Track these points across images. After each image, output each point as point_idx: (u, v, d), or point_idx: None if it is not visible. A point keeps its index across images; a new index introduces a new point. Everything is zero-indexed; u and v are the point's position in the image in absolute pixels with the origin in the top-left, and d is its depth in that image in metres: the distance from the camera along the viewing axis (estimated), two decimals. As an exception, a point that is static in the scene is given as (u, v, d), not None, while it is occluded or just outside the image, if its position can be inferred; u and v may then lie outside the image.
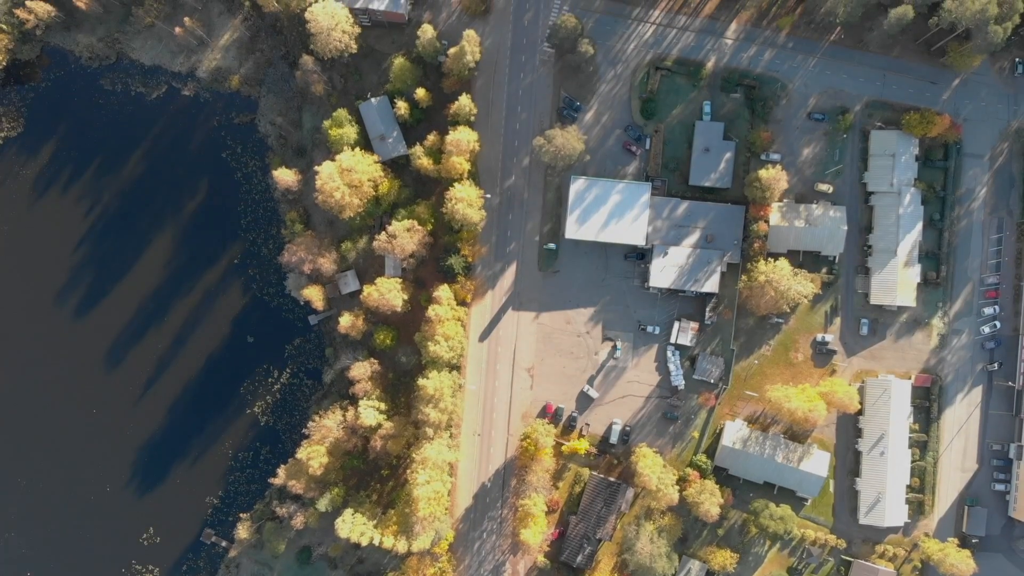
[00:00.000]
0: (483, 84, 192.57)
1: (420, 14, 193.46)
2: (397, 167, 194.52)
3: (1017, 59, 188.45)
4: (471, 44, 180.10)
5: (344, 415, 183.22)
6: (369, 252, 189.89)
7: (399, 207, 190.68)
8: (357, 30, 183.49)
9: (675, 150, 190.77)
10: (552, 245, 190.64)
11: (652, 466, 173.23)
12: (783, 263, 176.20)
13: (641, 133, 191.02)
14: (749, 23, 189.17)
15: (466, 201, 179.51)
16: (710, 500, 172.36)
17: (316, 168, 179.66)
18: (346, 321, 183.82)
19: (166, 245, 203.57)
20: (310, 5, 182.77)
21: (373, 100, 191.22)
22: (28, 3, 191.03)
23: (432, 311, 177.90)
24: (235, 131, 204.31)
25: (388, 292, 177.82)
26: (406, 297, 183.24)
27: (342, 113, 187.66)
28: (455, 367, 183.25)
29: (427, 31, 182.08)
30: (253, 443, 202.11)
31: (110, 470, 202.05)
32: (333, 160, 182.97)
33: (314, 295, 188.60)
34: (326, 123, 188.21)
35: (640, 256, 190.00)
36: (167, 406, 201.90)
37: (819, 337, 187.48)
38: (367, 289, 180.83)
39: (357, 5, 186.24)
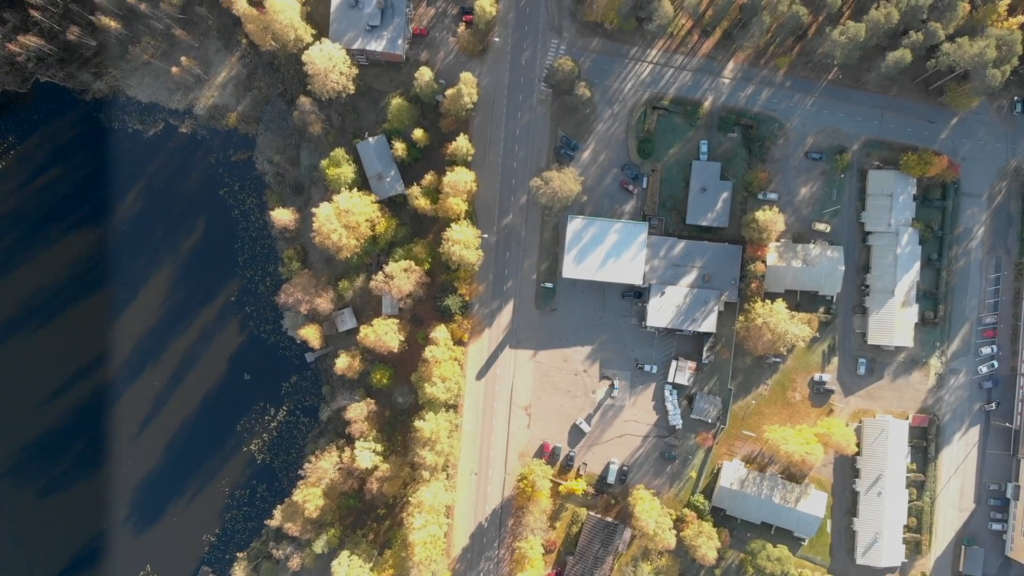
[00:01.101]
0: (480, 123, 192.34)
1: (417, 53, 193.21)
2: (394, 205, 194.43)
3: (1016, 97, 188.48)
4: (468, 86, 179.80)
5: (340, 456, 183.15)
6: (366, 290, 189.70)
7: (396, 246, 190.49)
8: (354, 71, 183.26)
9: (672, 189, 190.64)
10: (549, 284, 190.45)
11: (649, 510, 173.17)
12: (780, 306, 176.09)
13: (638, 172, 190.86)
14: (746, 62, 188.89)
15: (463, 243, 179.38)
16: (707, 544, 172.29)
17: (313, 210, 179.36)
18: (343, 363, 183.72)
19: (163, 282, 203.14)
20: (307, 46, 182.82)
21: (371, 139, 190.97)
22: (20, 38, 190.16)
23: (429, 353, 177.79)
24: (232, 168, 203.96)
25: (384, 334, 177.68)
26: (402, 338, 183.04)
27: (339, 153, 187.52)
28: (452, 407, 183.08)
29: (425, 74, 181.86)
30: (250, 481, 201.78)
31: (107, 507, 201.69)
32: (331, 200, 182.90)
33: (311, 334, 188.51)
34: (324, 162, 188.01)
35: (637, 295, 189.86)
36: (164, 443, 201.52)
37: (817, 377, 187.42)
38: (364, 330, 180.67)
39: (355, 46, 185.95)
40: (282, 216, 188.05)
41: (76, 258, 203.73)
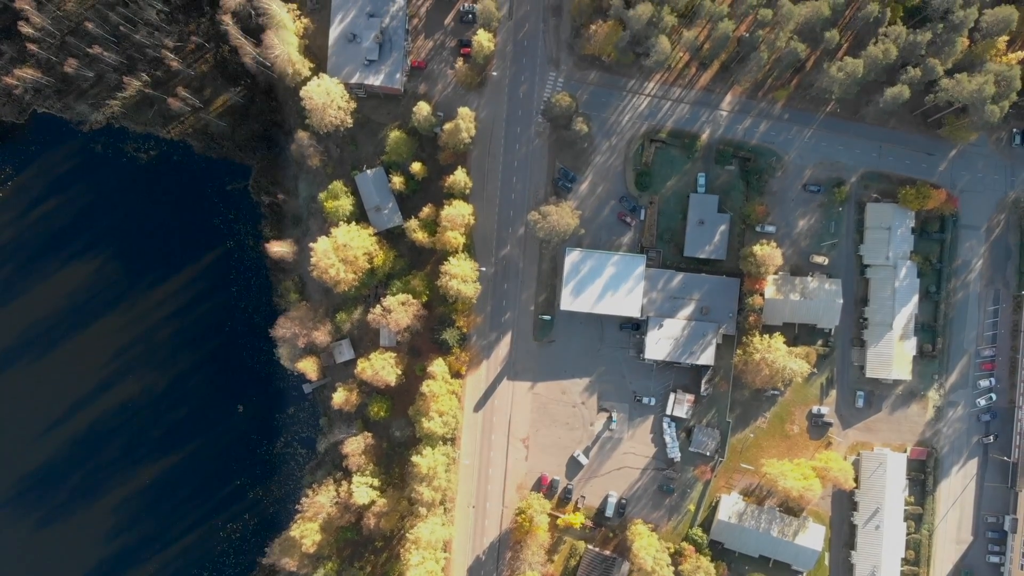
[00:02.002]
0: (478, 155, 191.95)
1: (416, 85, 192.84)
2: (393, 236, 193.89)
3: (1015, 130, 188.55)
4: (466, 121, 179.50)
5: (337, 490, 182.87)
6: (364, 322, 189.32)
7: (394, 278, 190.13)
8: (352, 105, 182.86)
9: (670, 221, 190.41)
10: (547, 316, 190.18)
11: (647, 546, 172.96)
12: (777, 341, 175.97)
13: (636, 204, 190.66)
14: (744, 95, 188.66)
15: (460, 277, 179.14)
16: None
17: (311, 245, 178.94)
18: (339, 397, 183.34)
19: (157, 312, 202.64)
20: (305, 79, 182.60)
21: (369, 172, 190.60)
22: (16, 70, 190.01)
23: (426, 387, 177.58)
24: (229, 198, 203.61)
25: (382, 368, 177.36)
26: (400, 371, 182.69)
27: (338, 185, 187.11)
28: (449, 440, 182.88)
29: (422, 108, 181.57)
30: (242, 514, 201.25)
31: (98, 544, 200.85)
32: (328, 234, 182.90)
33: (308, 367, 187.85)
34: (322, 195, 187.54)
35: (635, 327, 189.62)
36: (157, 475, 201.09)
37: (815, 409, 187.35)
38: (361, 364, 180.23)
39: (353, 80, 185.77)
40: (278, 248, 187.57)
41: (71, 289, 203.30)
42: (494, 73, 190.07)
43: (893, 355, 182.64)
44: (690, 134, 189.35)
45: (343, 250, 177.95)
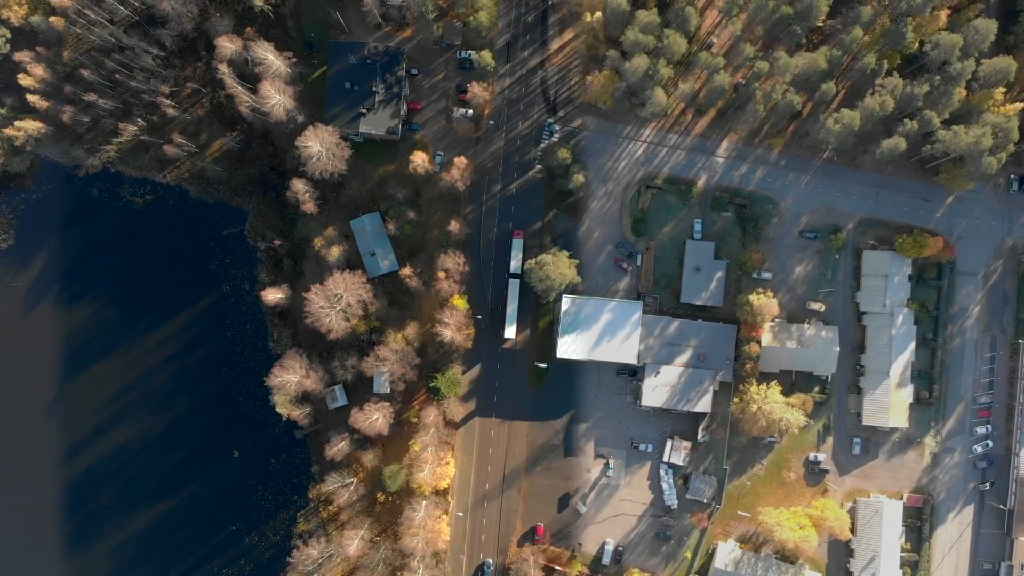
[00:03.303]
0: (475, 201, 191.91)
1: (413, 130, 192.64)
2: (388, 279, 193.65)
3: (1012, 176, 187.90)
4: (463, 170, 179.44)
5: (328, 541, 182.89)
6: (358, 368, 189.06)
7: (388, 323, 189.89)
8: (348, 152, 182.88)
9: (666, 267, 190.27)
10: (543, 364, 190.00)
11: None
12: (774, 392, 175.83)
13: (632, 250, 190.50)
14: (740, 141, 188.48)
15: (455, 325, 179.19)
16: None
17: (305, 295, 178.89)
18: (332, 447, 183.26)
19: (152, 357, 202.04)
20: (302, 125, 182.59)
21: (364, 217, 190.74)
22: (17, 122, 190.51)
23: (418, 443, 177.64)
24: (224, 242, 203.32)
25: (376, 421, 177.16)
26: (393, 420, 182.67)
27: (332, 231, 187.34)
28: (442, 492, 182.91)
29: (419, 157, 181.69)
30: (238, 559, 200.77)
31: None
32: (323, 280, 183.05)
33: (299, 415, 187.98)
34: (316, 241, 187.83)
35: (632, 373, 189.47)
36: (152, 520, 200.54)
37: (812, 456, 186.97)
38: (354, 414, 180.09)
39: (349, 128, 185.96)
40: (272, 296, 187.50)
41: (67, 334, 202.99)
42: (491, 122, 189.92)
43: (890, 402, 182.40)
44: (686, 180, 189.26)
45: (337, 299, 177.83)
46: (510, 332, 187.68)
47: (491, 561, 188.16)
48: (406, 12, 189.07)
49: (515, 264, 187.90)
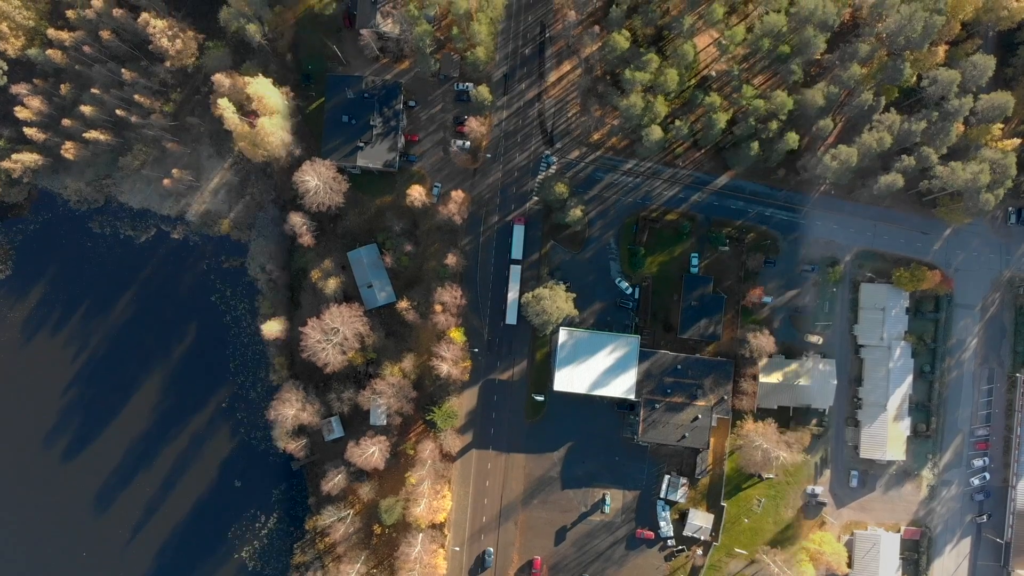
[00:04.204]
0: (472, 232, 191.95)
1: (410, 161, 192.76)
2: (385, 311, 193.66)
3: (1010, 208, 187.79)
4: (460, 204, 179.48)
5: (325, 574, 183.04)
6: (354, 400, 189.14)
7: (385, 356, 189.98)
8: (345, 186, 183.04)
9: (664, 301, 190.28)
10: (540, 397, 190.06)
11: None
12: (770, 429, 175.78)
13: (630, 283, 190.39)
14: (738, 175, 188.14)
15: (451, 360, 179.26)
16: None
17: (302, 329, 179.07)
18: (328, 482, 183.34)
19: (154, 389, 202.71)
20: (300, 160, 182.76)
21: (361, 249, 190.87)
22: (14, 155, 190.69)
23: (414, 477, 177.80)
24: (224, 274, 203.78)
25: (371, 456, 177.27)
26: (389, 454, 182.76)
27: (329, 263, 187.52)
28: (439, 525, 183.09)
29: (416, 191, 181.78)
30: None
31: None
32: (321, 311, 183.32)
33: (296, 447, 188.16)
34: (314, 274, 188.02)
35: (630, 407, 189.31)
36: (155, 550, 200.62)
37: (809, 489, 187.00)
38: (350, 449, 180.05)
39: (347, 162, 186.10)
40: (272, 330, 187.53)
41: (66, 365, 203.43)
42: (488, 155, 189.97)
43: (887, 435, 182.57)
44: (683, 214, 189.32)
45: (334, 333, 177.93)
46: (511, 318, 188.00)
47: None
48: (404, 45, 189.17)
49: (516, 251, 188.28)
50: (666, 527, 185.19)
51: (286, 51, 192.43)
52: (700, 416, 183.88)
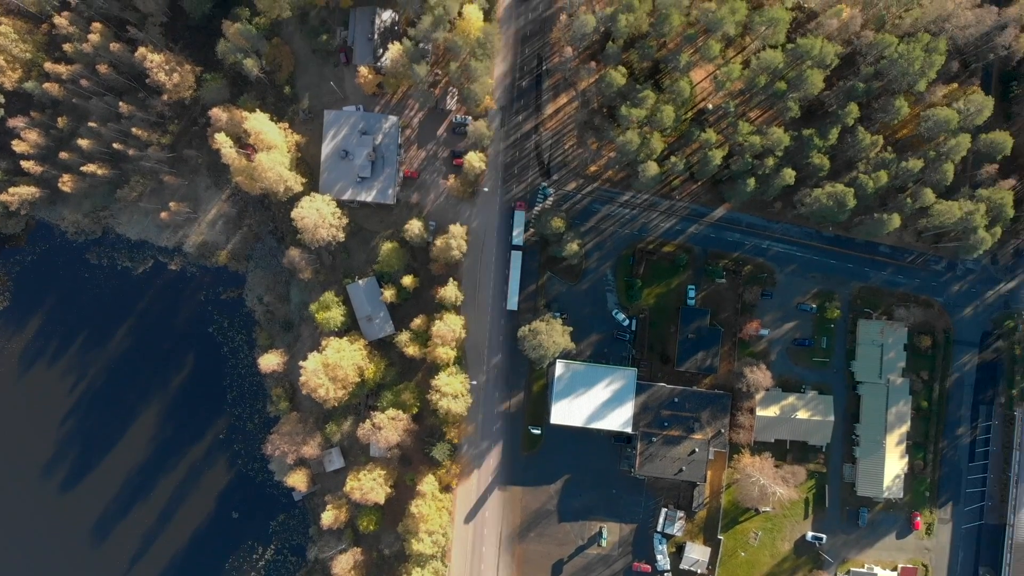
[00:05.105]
0: (471, 263, 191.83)
1: (408, 195, 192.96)
2: (384, 343, 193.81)
3: (1009, 245, 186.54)
4: (457, 238, 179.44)
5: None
6: (354, 433, 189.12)
7: (385, 388, 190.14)
8: (344, 221, 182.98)
9: (661, 333, 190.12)
10: (537, 430, 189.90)
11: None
12: (767, 464, 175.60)
13: (627, 315, 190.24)
14: (734, 207, 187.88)
15: (451, 394, 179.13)
16: None
17: (301, 363, 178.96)
18: (328, 517, 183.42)
19: (152, 420, 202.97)
20: (298, 195, 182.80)
21: (360, 282, 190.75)
22: (11, 188, 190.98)
23: (415, 508, 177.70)
24: (222, 306, 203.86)
25: (371, 491, 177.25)
26: (389, 488, 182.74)
27: (329, 296, 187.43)
28: (439, 556, 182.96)
29: (414, 225, 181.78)
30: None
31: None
32: (320, 343, 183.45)
33: (298, 481, 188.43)
34: (312, 306, 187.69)
35: (627, 440, 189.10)
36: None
37: (809, 535, 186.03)
38: (350, 483, 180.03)
39: (345, 197, 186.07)
40: (269, 362, 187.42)
41: (66, 395, 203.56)
42: (485, 189, 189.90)
43: (884, 473, 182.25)
44: (680, 245, 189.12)
45: (332, 369, 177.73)
46: (512, 304, 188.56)
47: None
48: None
49: (516, 235, 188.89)
50: (663, 560, 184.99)
51: (284, 83, 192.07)
52: (697, 450, 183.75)
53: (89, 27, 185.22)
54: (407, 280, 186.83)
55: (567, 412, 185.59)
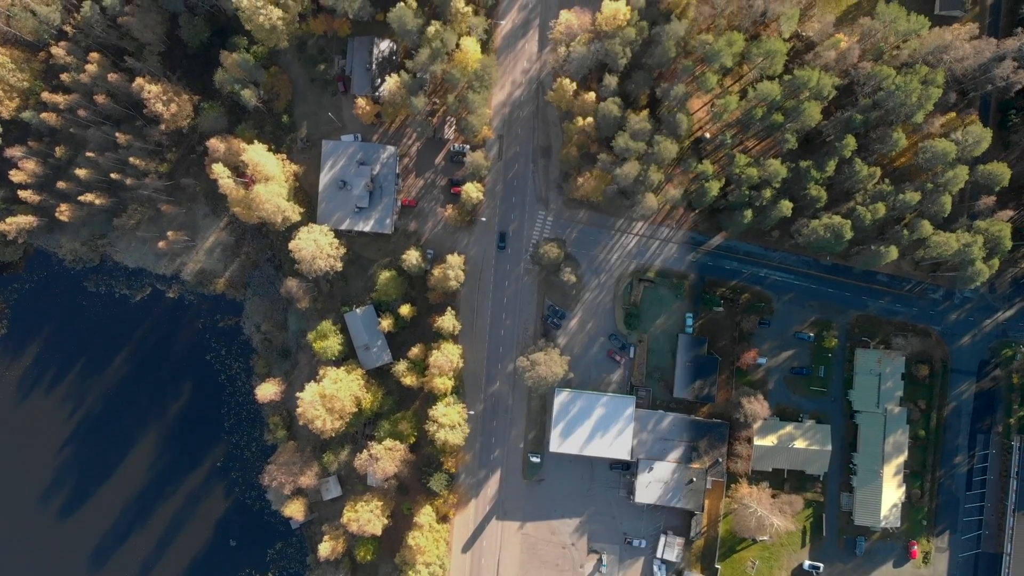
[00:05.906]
0: (468, 291, 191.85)
1: (406, 223, 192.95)
2: (381, 371, 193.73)
3: (1007, 275, 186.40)
4: (455, 268, 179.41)
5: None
6: (351, 463, 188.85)
7: (382, 417, 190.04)
8: (342, 251, 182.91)
9: (659, 360, 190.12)
10: (536, 459, 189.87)
11: None
12: (765, 496, 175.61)
13: (625, 342, 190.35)
14: (731, 236, 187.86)
15: (448, 425, 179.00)
16: None
17: (298, 395, 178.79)
18: (325, 548, 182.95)
19: (150, 447, 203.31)
20: (296, 224, 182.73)
21: (358, 310, 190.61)
22: (9, 218, 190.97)
23: (412, 539, 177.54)
24: (220, 333, 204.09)
25: (368, 523, 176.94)
26: (386, 520, 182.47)
27: (326, 325, 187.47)
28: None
29: (412, 255, 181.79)
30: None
31: None
32: (317, 373, 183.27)
33: (295, 510, 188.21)
34: (310, 335, 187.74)
35: (626, 467, 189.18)
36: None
37: (803, 556, 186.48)
38: (347, 515, 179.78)
39: (343, 227, 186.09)
40: (267, 392, 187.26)
41: (63, 423, 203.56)
42: (483, 219, 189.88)
43: (882, 501, 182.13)
44: (678, 274, 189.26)
45: (330, 400, 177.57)
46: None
47: None
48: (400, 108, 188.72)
49: None
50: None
51: (282, 111, 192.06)
52: (695, 479, 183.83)
53: (87, 57, 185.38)
54: (405, 309, 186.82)
55: (567, 440, 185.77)
